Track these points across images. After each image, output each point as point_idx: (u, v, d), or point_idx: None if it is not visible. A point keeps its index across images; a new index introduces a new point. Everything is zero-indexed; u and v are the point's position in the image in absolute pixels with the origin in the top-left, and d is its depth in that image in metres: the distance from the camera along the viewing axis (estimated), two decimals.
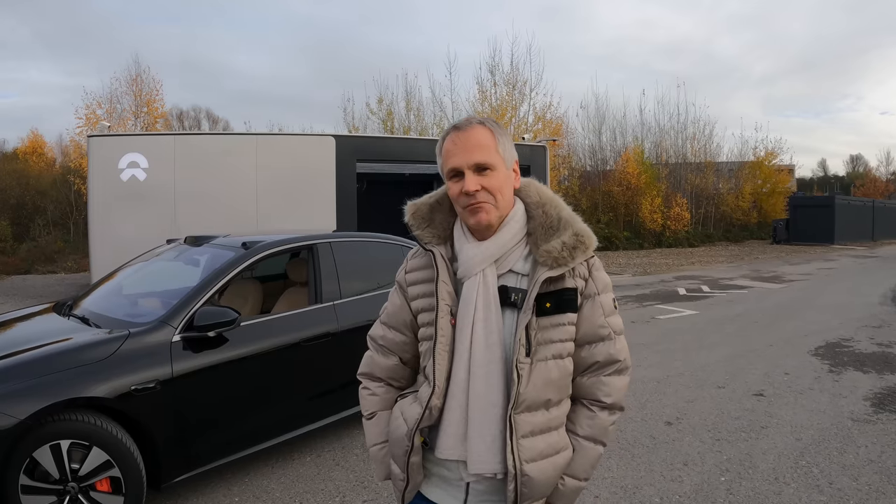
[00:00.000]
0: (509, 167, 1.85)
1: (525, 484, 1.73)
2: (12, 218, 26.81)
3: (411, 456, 1.83)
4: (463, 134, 1.80)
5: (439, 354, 1.79)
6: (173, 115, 38.78)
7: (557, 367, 1.78)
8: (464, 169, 1.77)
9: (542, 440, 1.77)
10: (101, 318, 4.55)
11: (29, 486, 3.55)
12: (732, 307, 12.54)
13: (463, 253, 1.84)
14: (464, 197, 1.78)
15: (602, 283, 1.88)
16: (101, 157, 13.98)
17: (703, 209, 35.63)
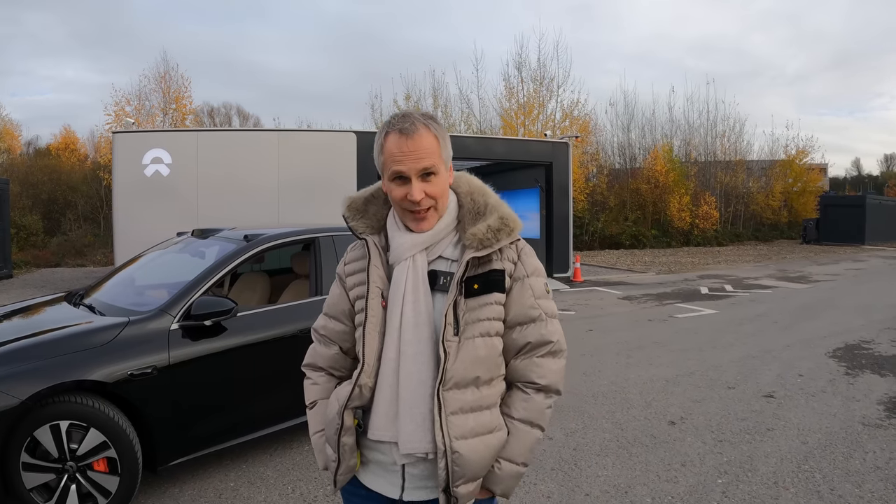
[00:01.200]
0: (447, 168, 1.89)
1: (456, 462, 1.75)
2: (44, 212, 27.41)
3: (342, 436, 1.86)
4: (410, 141, 1.79)
5: (369, 334, 1.84)
6: (204, 111, 39.26)
7: (485, 344, 1.81)
8: (410, 175, 1.79)
9: (472, 418, 1.80)
10: (107, 307, 4.72)
11: (30, 464, 3.71)
12: (754, 307, 12.42)
13: (395, 241, 1.89)
14: (408, 202, 1.81)
15: (532, 267, 1.91)
16: (125, 153, 14.29)
17: (733, 208, 35.23)
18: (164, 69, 28.62)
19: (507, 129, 30.23)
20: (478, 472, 1.81)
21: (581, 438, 5.31)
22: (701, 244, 31.47)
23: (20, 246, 23.91)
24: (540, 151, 18.67)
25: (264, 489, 4.42)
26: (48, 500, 3.76)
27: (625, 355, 8.32)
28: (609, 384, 6.92)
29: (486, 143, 19.58)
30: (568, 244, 18.34)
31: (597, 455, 4.95)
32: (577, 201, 28.65)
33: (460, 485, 1.77)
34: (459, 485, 1.77)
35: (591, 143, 33.70)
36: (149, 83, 28.35)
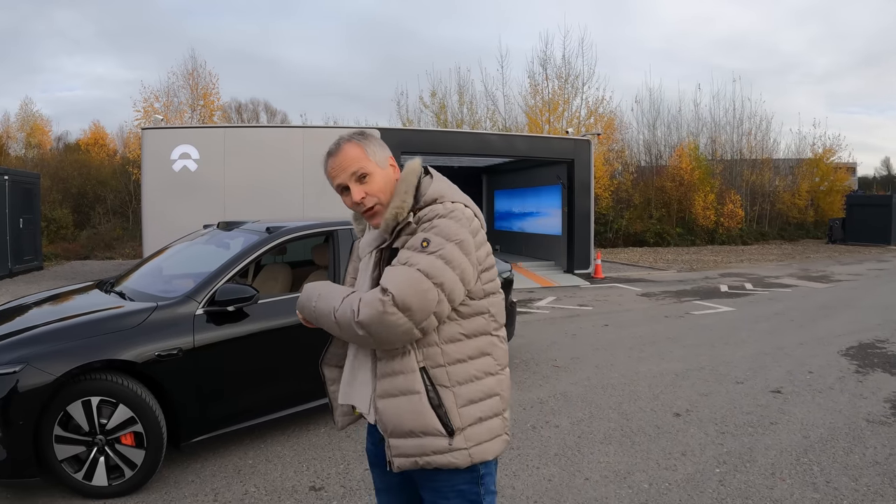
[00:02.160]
0: (385, 167, 2.18)
1: (379, 416, 2.08)
2: (74, 206, 27.92)
3: (328, 385, 2.33)
4: (336, 158, 2.16)
5: None
6: (232, 107, 39.64)
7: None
8: (346, 183, 2.14)
9: (389, 381, 2.07)
10: (137, 294, 5.04)
11: (62, 437, 4.03)
12: (772, 305, 12.46)
13: (361, 241, 2.34)
14: (355, 206, 2.16)
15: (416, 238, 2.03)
16: (154, 149, 14.64)
17: (759, 206, 34.87)
18: (191, 66, 29.03)
19: (532, 126, 30.23)
20: (397, 428, 2.05)
21: (586, 427, 5.49)
22: (725, 243, 31.22)
23: (50, 239, 24.43)
24: (562, 148, 18.76)
25: (281, 467, 4.69)
26: (78, 470, 4.08)
27: (637, 350, 8.46)
28: (619, 377, 7.08)
29: (508, 139, 19.71)
30: (589, 241, 18.43)
31: (600, 443, 5.12)
32: (601, 199, 28.66)
33: (390, 436, 2.07)
34: (389, 436, 2.07)
35: (616, 141, 33.59)
36: (177, 80, 28.79)
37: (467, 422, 2.04)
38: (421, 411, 2.01)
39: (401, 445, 2.04)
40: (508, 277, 7.67)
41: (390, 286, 1.92)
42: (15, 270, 17.56)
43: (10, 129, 35.10)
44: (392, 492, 2.31)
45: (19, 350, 4.05)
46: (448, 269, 1.97)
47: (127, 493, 4.19)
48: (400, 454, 2.04)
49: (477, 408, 2.07)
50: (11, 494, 4.24)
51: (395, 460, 2.05)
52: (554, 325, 10.47)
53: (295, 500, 4.18)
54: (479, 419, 2.07)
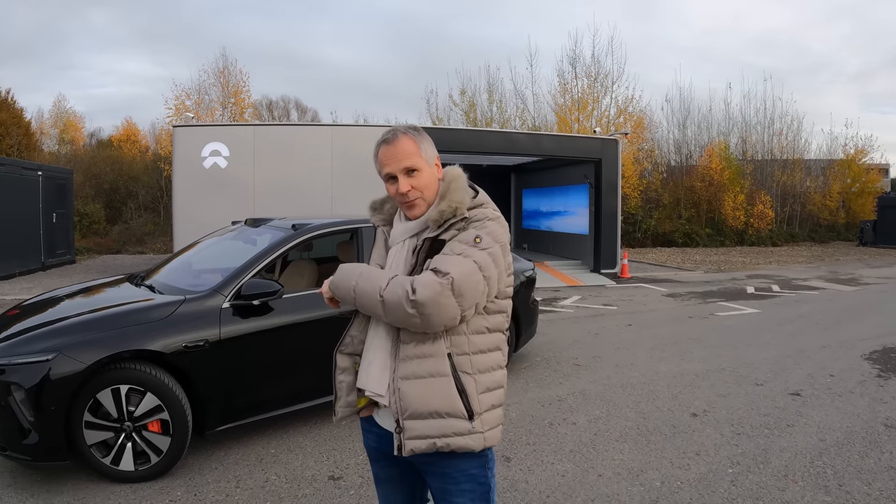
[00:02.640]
0: (431, 165, 2.29)
1: (400, 398, 2.13)
2: (106, 201, 28.43)
3: (337, 374, 2.34)
4: (392, 146, 2.24)
5: None
6: (263, 104, 40.00)
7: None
8: (396, 174, 2.22)
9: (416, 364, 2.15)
10: (166, 287, 5.23)
11: (91, 423, 4.23)
12: (797, 307, 12.39)
13: (394, 228, 2.35)
14: (399, 196, 2.25)
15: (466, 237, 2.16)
16: (185, 146, 14.93)
17: (789, 208, 34.50)
18: (222, 64, 29.43)
19: (561, 125, 30.19)
20: (419, 409, 2.12)
21: (603, 425, 5.56)
22: (755, 244, 30.92)
23: (83, 233, 24.93)
24: (589, 148, 18.78)
25: (301, 456, 4.84)
26: (106, 455, 4.27)
27: (659, 350, 8.50)
28: (639, 376, 7.14)
29: (535, 139, 19.75)
30: (616, 241, 18.43)
31: (616, 441, 5.19)
32: (630, 198, 28.56)
33: (406, 418, 2.13)
34: (405, 418, 2.13)
35: (646, 140, 33.44)
36: (208, 78, 29.20)
37: (484, 408, 2.17)
38: (449, 393, 2.13)
39: (419, 427, 2.12)
40: (531, 276, 7.77)
41: (451, 271, 2.04)
42: (48, 264, 17.97)
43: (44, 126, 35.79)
44: (394, 482, 2.42)
45: (52, 339, 4.26)
46: (494, 266, 2.14)
47: (152, 478, 4.37)
48: (417, 436, 2.12)
49: (491, 396, 2.20)
50: (42, 477, 4.44)
51: (408, 443, 2.12)
52: (577, 324, 10.53)
53: (314, 488, 4.32)
54: (492, 406, 2.20)
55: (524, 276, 7.56)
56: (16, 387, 4.07)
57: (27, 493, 4.21)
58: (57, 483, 4.34)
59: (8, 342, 4.39)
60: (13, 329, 4.62)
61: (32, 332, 4.43)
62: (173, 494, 4.22)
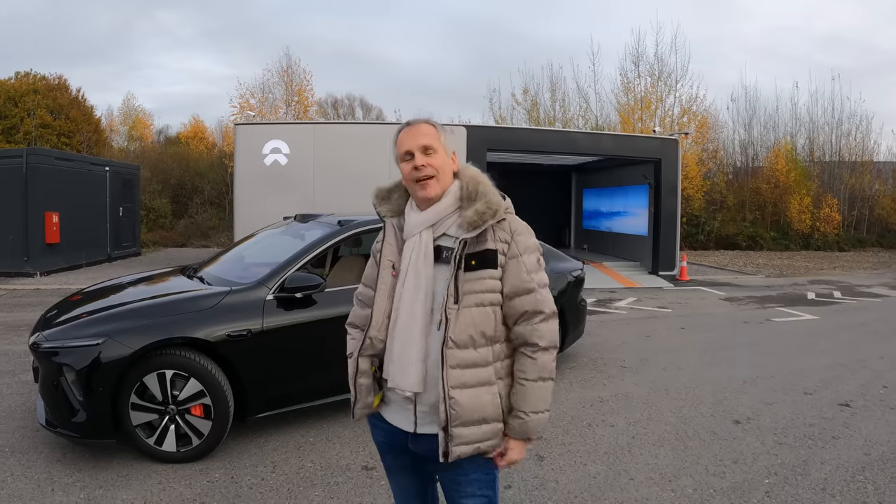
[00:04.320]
0: (448, 154, 2.36)
1: (452, 406, 2.15)
2: (172, 196, 29.28)
3: (357, 377, 2.35)
4: (413, 127, 2.34)
5: (378, 296, 2.32)
6: (328, 103, 40.51)
7: (479, 312, 2.20)
8: (414, 150, 2.28)
9: (468, 373, 2.19)
10: (216, 279, 5.46)
11: (138, 405, 4.47)
12: (857, 315, 12.05)
13: (408, 220, 2.36)
14: (414, 171, 2.29)
15: (523, 246, 2.27)
16: (246, 143, 15.32)
17: (857, 211, 33.34)
18: (286, 63, 30.05)
19: (624, 124, 29.88)
20: (471, 417, 2.18)
21: (642, 428, 5.53)
22: (821, 248, 30.02)
23: (149, 227, 25.78)
24: (649, 148, 18.58)
25: (339, 446, 4.98)
26: (150, 436, 4.51)
27: (710, 354, 8.39)
28: (685, 381, 7.06)
29: (595, 138, 19.63)
30: (675, 242, 18.21)
31: (652, 445, 5.15)
32: (693, 200, 28.10)
33: (456, 426, 2.16)
34: (455, 426, 2.16)
35: (710, 141, 32.84)
36: (272, 77, 29.85)
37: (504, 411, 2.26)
38: (495, 400, 2.23)
39: (467, 434, 2.18)
40: (579, 276, 7.75)
41: (552, 308, 2.27)
42: (114, 256, 18.67)
43: (114, 123, 37.07)
44: (406, 470, 2.49)
45: (103, 325, 4.52)
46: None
47: (193, 459, 4.58)
48: (464, 442, 2.18)
49: (506, 400, 2.27)
50: (89, 453, 4.70)
51: (455, 450, 2.18)
52: (629, 326, 10.46)
53: (346, 477, 4.44)
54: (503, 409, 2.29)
55: (572, 276, 7.55)
56: (67, 368, 4.34)
57: (74, 468, 4.47)
58: (103, 460, 4.59)
59: (62, 326, 4.66)
60: (71, 314, 4.91)
61: (86, 318, 4.70)
62: (211, 476, 4.40)
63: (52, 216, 15.54)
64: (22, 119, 27.08)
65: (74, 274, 15.77)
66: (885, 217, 33.53)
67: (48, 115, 27.59)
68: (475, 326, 2.19)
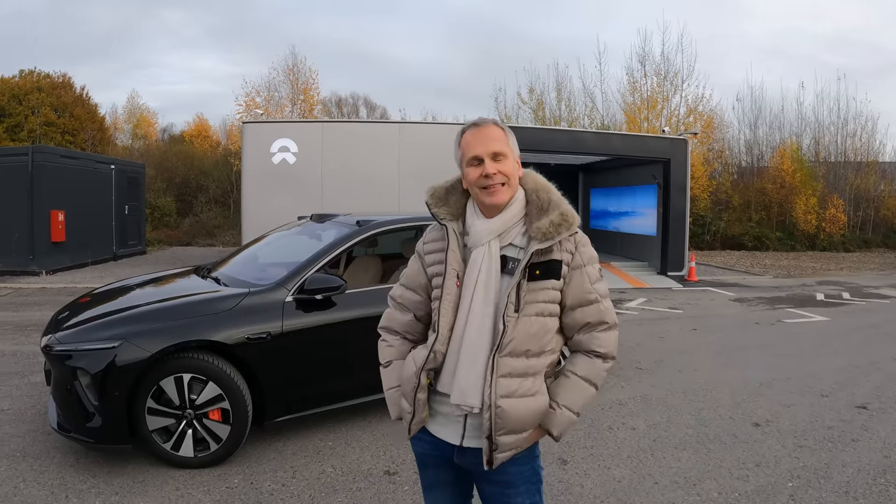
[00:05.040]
0: (515, 158, 2.25)
1: (499, 415, 2.09)
2: (177, 195, 29.27)
3: (418, 392, 2.24)
4: (482, 130, 2.20)
5: (444, 308, 2.20)
6: (332, 101, 40.49)
7: (538, 322, 2.14)
8: (483, 156, 2.17)
9: (517, 382, 2.13)
10: (232, 280, 5.35)
11: (154, 409, 4.37)
12: (868, 317, 11.99)
13: (473, 227, 2.23)
14: (483, 178, 2.17)
15: (587, 257, 2.22)
16: (254, 142, 15.27)
17: (862, 212, 33.23)
18: (292, 62, 30.01)
19: (630, 124, 29.80)
20: (516, 427, 2.13)
21: (663, 431, 5.48)
22: (826, 249, 29.92)
23: (154, 225, 25.74)
24: (658, 148, 18.52)
25: (359, 450, 4.91)
26: (166, 441, 4.41)
27: (724, 356, 8.35)
28: (702, 382, 7.00)
29: (604, 138, 19.56)
30: (684, 243, 18.15)
31: (674, 448, 5.10)
32: (699, 200, 28.00)
33: (501, 434, 2.11)
34: (500, 434, 2.11)
35: (716, 140, 32.75)
36: (278, 75, 29.81)
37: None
38: (542, 410, 2.18)
39: (511, 441, 2.14)
40: None
41: (612, 320, 2.24)
42: (119, 254, 18.63)
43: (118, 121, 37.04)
44: (447, 486, 2.42)
45: (119, 327, 4.42)
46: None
47: (211, 464, 4.49)
48: (507, 449, 2.14)
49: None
50: (103, 459, 4.61)
51: (499, 456, 2.14)
52: (641, 327, 10.41)
53: (369, 482, 4.37)
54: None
55: None
56: (81, 372, 4.25)
57: (89, 474, 4.39)
58: (118, 465, 4.50)
59: (75, 329, 4.57)
60: (83, 316, 4.82)
61: (100, 320, 4.61)
62: (230, 482, 4.32)
63: (58, 214, 15.48)
64: (26, 117, 27.03)
65: (80, 273, 15.73)
66: (891, 218, 33.41)
67: (52, 113, 27.59)
68: (532, 336, 2.14)
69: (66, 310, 5.30)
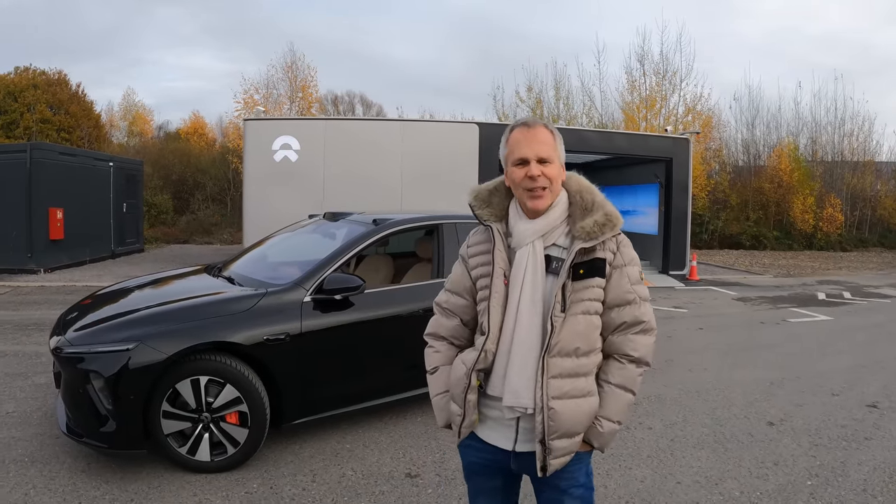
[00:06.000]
0: (561, 164, 2.23)
1: (551, 417, 2.07)
2: (174, 192, 29.19)
3: (468, 394, 2.20)
4: (531, 131, 2.20)
5: (493, 308, 2.18)
6: (328, 99, 40.33)
7: (585, 320, 2.14)
8: (530, 159, 2.15)
9: (569, 382, 2.11)
10: (245, 279, 5.25)
11: (169, 412, 4.27)
12: (870, 316, 12.00)
13: (517, 228, 2.23)
14: (527, 180, 2.16)
15: (629, 258, 2.24)
16: (255, 139, 15.17)
17: (859, 212, 33.28)
18: (290, 59, 29.87)
19: (628, 122, 29.76)
20: (570, 429, 2.10)
21: (680, 431, 5.46)
22: (824, 248, 29.97)
23: (151, 223, 25.66)
24: (660, 147, 18.49)
25: (377, 452, 4.84)
26: (182, 445, 4.31)
27: (732, 355, 8.33)
28: (713, 382, 6.99)
29: (606, 136, 19.51)
30: (686, 242, 18.13)
31: (692, 447, 5.09)
32: (697, 199, 27.97)
33: (554, 438, 2.08)
34: (554, 438, 2.08)
35: (714, 139, 32.75)
36: (276, 72, 29.65)
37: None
38: (594, 411, 2.16)
39: (566, 445, 2.12)
40: None
41: (652, 319, 2.25)
42: (118, 252, 18.54)
43: (114, 119, 36.90)
44: (495, 493, 2.39)
45: (133, 329, 4.31)
46: None
47: (228, 469, 4.39)
48: (562, 454, 2.12)
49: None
50: (116, 464, 4.48)
51: (553, 462, 2.11)
52: None
53: (391, 485, 4.31)
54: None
55: None
56: (94, 375, 4.14)
57: (101, 480, 4.27)
58: (131, 471, 4.39)
59: (87, 330, 4.46)
60: (89, 318, 4.69)
61: (113, 321, 4.50)
62: (249, 486, 4.25)
63: (56, 212, 15.36)
64: (22, 114, 26.90)
65: (79, 271, 15.62)
66: (888, 217, 33.41)
67: (48, 111, 27.45)
68: (579, 335, 2.13)
69: (75, 310, 5.17)
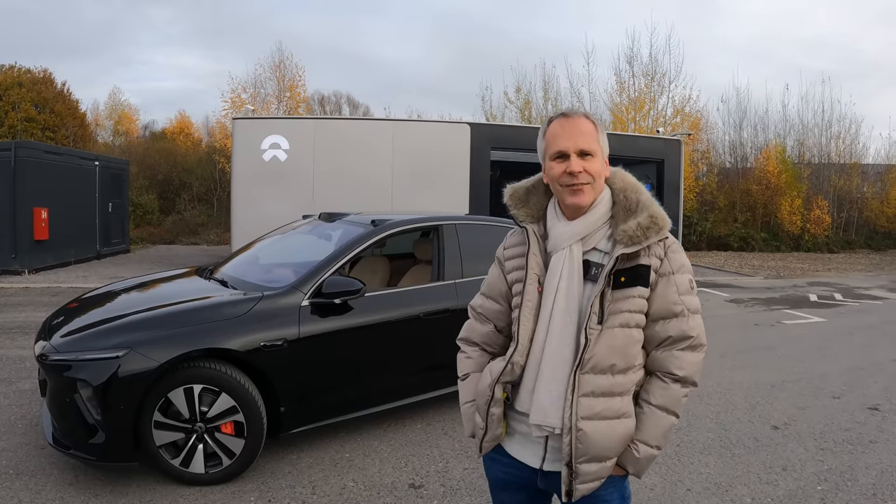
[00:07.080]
0: (604, 157, 2.04)
1: (580, 440, 1.88)
2: (160, 192, 28.93)
3: (491, 406, 2.04)
4: (570, 121, 1.99)
5: (524, 316, 2.00)
6: (315, 99, 40.12)
7: (623, 334, 1.93)
8: (570, 152, 1.96)
9: (602, 402, 1.92)
10: (239, 282, 5.04)
11: (161, 423, 4.05)
12: (863, 318, 12.00)
13: (554, 230, 2.04)
14: (566, 176, 1.97)
15: (678, 264, 2.01)
16: (244, 139, 15.00)
17: (846, 213, 33.45)
18: (278, 58, 29.63)
19: (617, 124, 29.75)
20: (601, 453, 1.92)
21: (685, 436, 5.37)
22: (811, 250, 30.12)
23: (136, 223, 25.41)
24: (652, 148, 18.48)
25: (378, 461, 4.68)
26: (175, 457, 4.10)
27: (730, 358, 8.26)
28: (715, 385, 6.91)
29: None
30: None
31: (700, 453, 5.01)
32: (686, 200, 27.97)
33: (582, 462, 1.90)
34: (582, 462, 1.90)
35: (702, 141, 32.79)
36: (264, 72, 29.40)
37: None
38: (628, 436, 1.96)
39: (595, 470, 1.93)
40: None
41: (702, 335, 2.03)
42: (103, 253, 18.29)
43: (99, 118, 36.53)
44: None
45: (123, 335, 4.09)
46: None
47: (223, 481, 4.20)
48: (590, 480, 1.93)
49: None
50: (105, 476, 4.27)
51: (580, 488, 1.92)
52: None
53: (395, 497, 4.15)
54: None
55: None
56: (82, 383, 3.93)
57: (90, 493, 4.07)
58: (121, 483, 4.19)
59: (74, 336, 4.23)
60: (76, 323, 4.48)
61: (101, 327, 4.28)
62: (245, 499, 4.07)
63: (41, 212, 15.06)
64: (6, 113, 26.51)
65: (64, 272, 15.36)
66: (874, 219, 33.62)
67: (33, 109, 27.05)
68: (616, 350, 1.93)
69: (61, 314, 4.93)
